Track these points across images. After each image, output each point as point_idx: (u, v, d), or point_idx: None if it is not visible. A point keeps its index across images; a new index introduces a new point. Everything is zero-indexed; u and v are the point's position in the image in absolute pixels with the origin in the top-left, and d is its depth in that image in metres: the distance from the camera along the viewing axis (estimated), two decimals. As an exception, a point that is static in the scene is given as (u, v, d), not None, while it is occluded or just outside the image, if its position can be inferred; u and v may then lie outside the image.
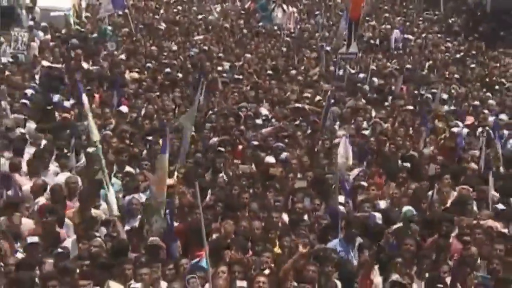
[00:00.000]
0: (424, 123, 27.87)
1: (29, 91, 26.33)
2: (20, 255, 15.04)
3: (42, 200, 17.76)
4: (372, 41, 47.66)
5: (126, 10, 39.32)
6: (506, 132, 27.68)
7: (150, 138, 22.83)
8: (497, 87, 38.35)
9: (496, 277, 15.29)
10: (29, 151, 20.66)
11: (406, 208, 19.00)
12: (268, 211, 18.27)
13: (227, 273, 14.40)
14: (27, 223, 16.70)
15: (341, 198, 19.00)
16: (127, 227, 16.95)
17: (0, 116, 22.94)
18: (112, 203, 17.22)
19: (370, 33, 48.94)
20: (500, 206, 19.66)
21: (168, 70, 33.12)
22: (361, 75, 37.72)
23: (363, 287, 14.79)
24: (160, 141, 20.67)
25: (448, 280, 15.21)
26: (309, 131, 26.16)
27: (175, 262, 15.25)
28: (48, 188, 18.21)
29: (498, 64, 44.24)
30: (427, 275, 15.51)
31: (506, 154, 25.17)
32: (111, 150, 21.27)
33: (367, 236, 17.07)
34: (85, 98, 19.77)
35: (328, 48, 43.56)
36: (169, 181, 17.39)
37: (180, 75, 33.27)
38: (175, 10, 52.51)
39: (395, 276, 14.81)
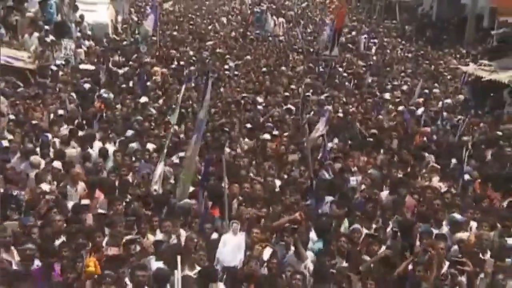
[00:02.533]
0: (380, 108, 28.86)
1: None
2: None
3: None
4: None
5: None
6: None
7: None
8: (441, 78, 38.67)
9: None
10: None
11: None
12: (265, 177, 18.20)
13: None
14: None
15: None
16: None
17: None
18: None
19: (343, 38, 48.97)
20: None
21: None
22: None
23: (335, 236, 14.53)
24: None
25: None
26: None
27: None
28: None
29: (441, 61, 44.64)
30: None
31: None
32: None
33: (341, 196, 16.88)
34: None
35: (311, 50, 44.59)
36: None
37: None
38: (191, 23, 52.55)
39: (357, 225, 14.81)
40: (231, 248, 13.05)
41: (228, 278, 12.34)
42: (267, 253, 13.24)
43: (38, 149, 18.33)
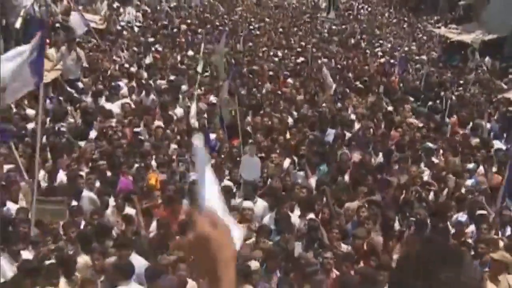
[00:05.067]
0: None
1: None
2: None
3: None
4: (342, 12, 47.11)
5: None
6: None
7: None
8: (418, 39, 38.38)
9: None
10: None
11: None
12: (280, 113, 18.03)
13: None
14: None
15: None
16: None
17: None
18: None
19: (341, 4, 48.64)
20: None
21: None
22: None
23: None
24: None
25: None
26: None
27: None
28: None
29: (419, 25, 44.23)
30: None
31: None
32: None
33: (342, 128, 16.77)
34: None
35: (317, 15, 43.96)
36: None
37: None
38: None
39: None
40: (248, 166, 12.90)
41: (247, 188, 12.24)
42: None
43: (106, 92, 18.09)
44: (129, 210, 10.86)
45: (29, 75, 10.04)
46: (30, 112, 15.06)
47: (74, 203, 10.73)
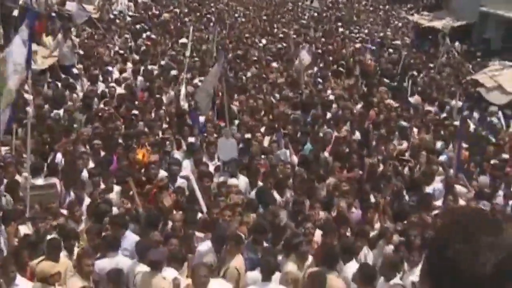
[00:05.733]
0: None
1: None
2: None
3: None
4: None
5: None
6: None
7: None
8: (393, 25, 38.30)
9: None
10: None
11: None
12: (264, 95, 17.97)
13: None
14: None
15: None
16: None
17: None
18: None
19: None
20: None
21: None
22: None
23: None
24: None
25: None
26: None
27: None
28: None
29: (394, 12, 44.12)
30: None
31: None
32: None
33: (322, 108, 16.76)
34: None
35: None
36: None
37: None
38: None
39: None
40: (224, 148, 12.75)
41: (229, 166, 12.05)
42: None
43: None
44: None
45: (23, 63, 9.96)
46: (28, 97, 14.90)
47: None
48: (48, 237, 8.42)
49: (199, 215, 9.82)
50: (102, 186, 10.85)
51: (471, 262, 1.76)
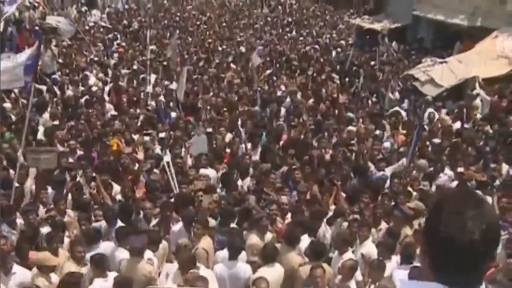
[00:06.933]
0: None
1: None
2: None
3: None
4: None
5: None
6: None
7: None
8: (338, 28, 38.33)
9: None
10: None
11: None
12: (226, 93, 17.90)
13: None
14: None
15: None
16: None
17: None
18: None
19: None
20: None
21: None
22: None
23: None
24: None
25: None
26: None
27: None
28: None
29: (338, 16, 44.23)
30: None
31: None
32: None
33: (277, 104, 16.82)
34: None
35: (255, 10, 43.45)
36: None
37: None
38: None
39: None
40: (195, 144, 12.58)
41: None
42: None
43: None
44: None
45: (21, 73, 9.89)
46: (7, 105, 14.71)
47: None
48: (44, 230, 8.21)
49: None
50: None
51: (462, 231, 1.90)
